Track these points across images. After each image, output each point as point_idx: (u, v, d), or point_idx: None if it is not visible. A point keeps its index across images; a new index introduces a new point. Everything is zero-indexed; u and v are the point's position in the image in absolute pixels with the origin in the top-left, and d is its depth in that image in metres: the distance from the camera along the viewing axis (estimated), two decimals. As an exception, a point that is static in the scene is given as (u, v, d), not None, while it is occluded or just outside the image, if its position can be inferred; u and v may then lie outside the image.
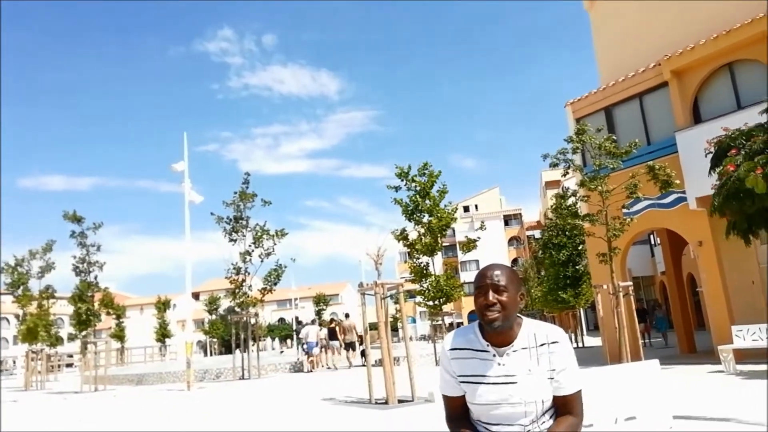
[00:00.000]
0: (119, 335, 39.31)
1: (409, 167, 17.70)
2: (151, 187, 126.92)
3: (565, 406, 1.94)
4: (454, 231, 56.63)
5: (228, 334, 40.49)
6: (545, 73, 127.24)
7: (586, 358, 15.15)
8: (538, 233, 59.05)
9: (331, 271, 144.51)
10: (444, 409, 2.08)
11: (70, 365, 37.31)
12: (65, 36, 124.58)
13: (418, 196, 17.55)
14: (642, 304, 24.07)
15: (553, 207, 25.17)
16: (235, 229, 17.99)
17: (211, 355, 56.52)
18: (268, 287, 17.99)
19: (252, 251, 17.92)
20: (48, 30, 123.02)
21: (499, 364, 1.92)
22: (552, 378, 1.91)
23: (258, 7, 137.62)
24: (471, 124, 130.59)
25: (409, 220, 17.73)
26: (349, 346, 19.77)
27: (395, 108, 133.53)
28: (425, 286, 17.86)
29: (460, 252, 21.53)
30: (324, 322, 24.53)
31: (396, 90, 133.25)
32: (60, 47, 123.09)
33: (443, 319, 20.00)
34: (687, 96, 13.37)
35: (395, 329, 45.60)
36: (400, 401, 8.73)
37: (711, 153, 10.33)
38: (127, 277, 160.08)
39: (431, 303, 17.95)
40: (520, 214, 74.96)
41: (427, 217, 17.61)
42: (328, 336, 20.06)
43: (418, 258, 18.11)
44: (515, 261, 67.47)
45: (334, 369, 19.00)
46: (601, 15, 16.72)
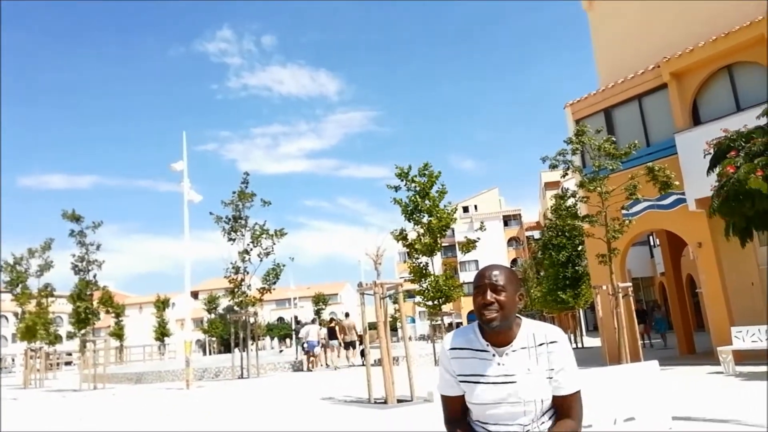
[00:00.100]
0: (118, 334, 39.25)
1: (410, 167, 17.70)
2: (151, 187, 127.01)
3: (563, 408, 1.93)
4: (453, 231, 56.62)
5: (227, 333, 40.41)
6: (545, 73, 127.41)
7: (586, 358, 15.15)
8: (537, 234, 59.03)
9: (330, 271, 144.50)
10: (443, 410, 2.07)
11: (69, 363, 37.25)
12: (65, 36, 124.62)
13: (417, 196, 17.55)
14: (641, 305, 24.07)
15: (552, 208, 25.18)
16: (234, 229, 17.99)
17: (210, 354, 56.45)
18: (267, 286, 18.00)
19: (251, 250, 17.93)
20: (48, 30, 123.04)
21: (499, 364, 1.92)
22: (551, 378, 1.91)
23: (257, 7, 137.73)
24: (470, 124, 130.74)
25: (409, 221, 17.73)
26: (349, 345, 19.78)
27: (394, 108, 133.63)
28: (424, 286, 17.85)
29: (459, 252, 21.54)
30: (324, 322, 24.53)
31: (395, 90, 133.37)
32: (60, 47, 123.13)
33: (442, 320, 19.99)
34: (686, 98, 13.38)
35: (394, 329, 45.71)
36: (399, 401, 8.73)
37: (710, 154, 10.34)
38: (126, 276, 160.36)
39: (430, 303, 17.94)
40: (520, 214, 74.97)
41: (426, 217, 17.60)
42: (328, 335, 20.07)
43: (418, 258, 18.11)
44: (514, 261, 67.43)
45: (334, 368, 19.01)
46: (599, 15, 16.72)
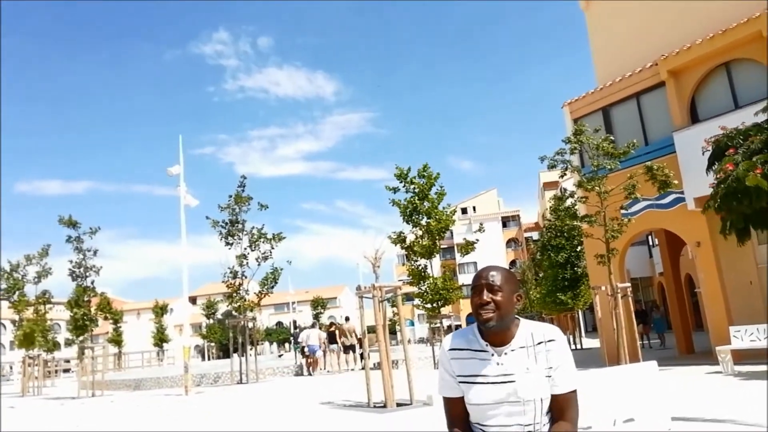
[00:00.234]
0: (116, 340, 39.10)
1: (409, 169, 17.64)
2: (147, 191, 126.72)
3: (560, 408, 1.91)
4: (452, 233, 56.58)
5: (225, 338, 40.34)
6: (543, 74, 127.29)
7: (585, 359, 15.11)
8: (536, 235, 59.06)
9: (328, 274, 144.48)
10: (444, 412, 2.05)
11: (67, 371, 37.08)
12: (60, 40, 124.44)
13: (416, 198, 17.49)
14: (640, 305, 24.06)
15: (551, 208, 25.17)
16: (231, 233, 17.91)
17: (208, 359, 56.27)
18: (265, 291, 17.92)
19: (248, 255, 17.86)
20: (41, 34, 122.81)
21: (498, 364, 1.92)
22: (550, 376, 1.91)
23: (253, 8, 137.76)
24: (468, 125, 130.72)
25: (408, 222, 17.67)
26: (349, 349, 19.73)
27: (392, 110, 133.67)
28: (423, 288, 17.79)
29: (458, 254, 21.49)
30: (324, 326, 24.48)
31: (393, 91, 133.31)
32: (54, 51, 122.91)
33: (441, 322, 19.90)
34: (684, 96, 13.37)
35: (393, 332, 45.59)
36: (399, 404, 8.68)
37: (709, 152, 10.32)
38: (123, 282, 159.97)
39: (429, 306, 17.88)
40: (518, 215, 74.99)
41: (425, 219, 17.55)
42: (328, 340, 20.03)
43: (416, 260, 18.05)
44: (513, 263, 67.50)
45: (338, 371, 19.00)
46: (597, 15, 16.73)
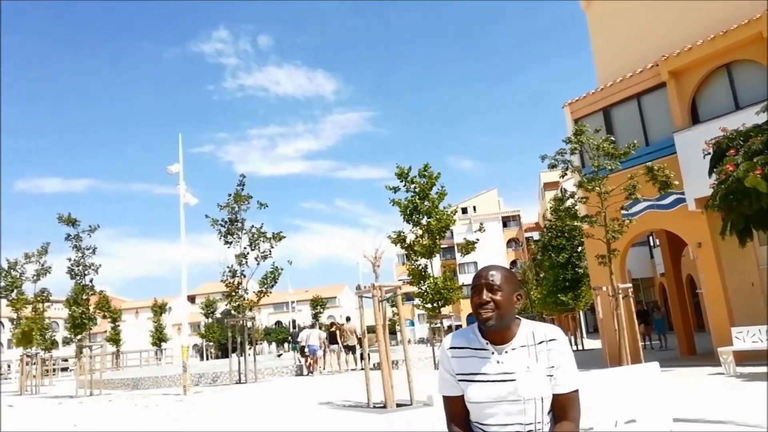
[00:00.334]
0: (115, 339, 39.00)
1: (410, 168, 17.59)
2: (146, 190, 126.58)
3: (561, 408, 1.92)
4: (452, 233, 56.56)
5: (224, 337, 40.31)
6: (544, 74, 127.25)
7: (586, 360, 15.07)
8: (536, 235, 59.04)
9: (328, 274, 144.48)
10: (444, 411, 2.05)
11: (65, 369, 37.04)
12: (60, 39, 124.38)
13: (417, 197, 17.44)
14: (642, 306, 24.03)
15: (552, 209, 25.13)
16: (230, 232, 17.85)
17: (207, 359, 56.25)
18: (264, 290, 17.86)
19: (248, 254, 17.80)
20: (40, 33, 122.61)
21: (498, 362, 1.92)
22: (551, 375, 1.91)
23: (253, 7, 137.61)
24: (468, 125, 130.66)
25: (408, 222, 17.63)
26: (349, 349, 19.70)
27: (392, 109, 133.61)
28: (423, 288, 17.75)
29: (458, 254, 21.45)
30: (325, 326, 24.47)
31: (392, 91, 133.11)
32: (54, 50, 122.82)
33: (442, 322, 19.87)
34: (685, 96, 13.34)
35: (393, 332, 45.58)
36: (399, 405, 8.64)
37: (709, 154, 10.27)
38: (122, 281, 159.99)
39: (429, 305, 17.84)
40: (519, 215, 74.93)
41: (425, 218, 17.51)
42: (329, 340, 20.00)
43: (417, 260, 18.01)
44: (514, 263, 67.45)
45: (338, 371, 18.97)
46: (598, 15, 16.69)
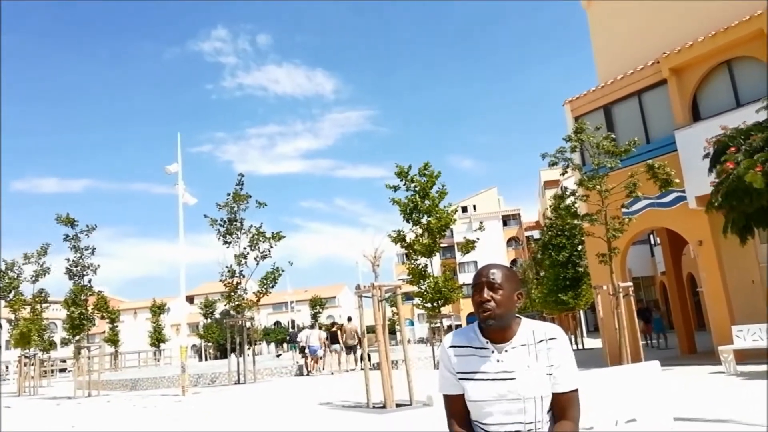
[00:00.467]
0: (113, 340, 38.86)
1: (410, 167, 17.51)
2: (145, 190, 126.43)
3: (561, 407, 1.91)
4: (452, 232, 56.47)
5: (223, 338, 40.20)
6: (544, 74, 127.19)
7: (586, 359, 15.02)
8: (537, 233, 58.99)
9: (327, 274, 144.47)
10: (445, 410, 2.05)
11: (63, 370, 36.93)
12: (58, 38, 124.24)
13: (417, 196, 17.37)
14: (642, 304, 24.00)
15: (552, 207, 25.04)
16: (229, 231, 17.77)
17: (206, 359, 56.08)
18: (264, 290, 17.78)
19: (247, 254, 17.72)
20: (39, 32, 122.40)
21: (498, 361, 1.92)
22: (551, 374, 1.91)
23: (253, 7, 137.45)
24: (468, 125, 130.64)
25: (408, 221, 17.55)
26: (350, 349, 19.65)
27: (391, 108, 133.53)
28: (423, 287, 17.69)
29: (458, 253, 21.38)
30: (324, 326, 24.42)
31: (392, 91, 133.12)
32: (53, 49, 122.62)
33: (441, 322, 19.80)
34: (686, 94, 13.29)
35: (393, 332, 45.50)
36: (398, 405, 8.59)
37: (710, 153, 10.21)
38: (121, 281, 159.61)
39: (429, 305, 17.78)
40: (519, 214, 74.83)
41: (425, 217, 17.43)
42: (330, 340, 19.95)
43: (416, 259, 17.94)
44: (514, 262, 67.36)
45: (338, 371, 18.91)
46: (598, 13, 16.64)
